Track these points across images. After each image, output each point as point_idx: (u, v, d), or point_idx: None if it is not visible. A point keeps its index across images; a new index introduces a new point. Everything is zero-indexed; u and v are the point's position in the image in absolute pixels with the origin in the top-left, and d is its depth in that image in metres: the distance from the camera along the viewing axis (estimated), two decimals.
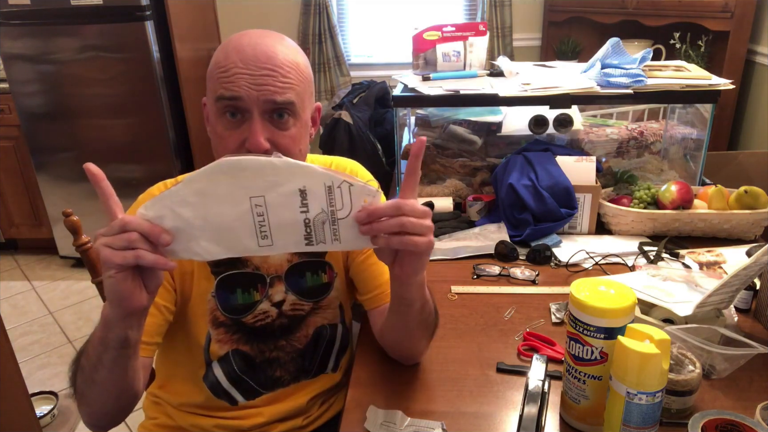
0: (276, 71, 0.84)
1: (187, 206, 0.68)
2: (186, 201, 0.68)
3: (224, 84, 0.83)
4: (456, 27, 1.68)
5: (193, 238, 0.70)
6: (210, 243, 0.70)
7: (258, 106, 0.83)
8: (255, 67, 0.83)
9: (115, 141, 2.85)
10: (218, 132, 0.87)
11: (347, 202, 0.70)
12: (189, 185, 0.68)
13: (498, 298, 1.19)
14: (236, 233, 0.70)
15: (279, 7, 3.27)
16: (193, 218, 0.69)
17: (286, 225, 0.70)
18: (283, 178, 0.68)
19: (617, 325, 0.76)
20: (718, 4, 2.50)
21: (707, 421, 0.73)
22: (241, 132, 0.85)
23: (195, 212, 0.69)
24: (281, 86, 0.84)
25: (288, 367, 1.03)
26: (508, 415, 0.88)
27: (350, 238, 0.72)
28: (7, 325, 1.54)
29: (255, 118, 0.84)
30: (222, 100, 0.84)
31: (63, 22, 2.63)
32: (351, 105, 2.64)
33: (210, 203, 0.68)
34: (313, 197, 0.69)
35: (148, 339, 0.92)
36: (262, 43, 0.85)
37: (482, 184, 1.61)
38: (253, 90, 0.83)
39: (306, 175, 0.68)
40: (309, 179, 0.68)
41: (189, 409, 1.03)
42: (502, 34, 3.17)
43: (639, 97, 1.46)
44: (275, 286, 0.99)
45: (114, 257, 0.66)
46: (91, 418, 0.87)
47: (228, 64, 0.83)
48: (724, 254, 1.28)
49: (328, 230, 0.71)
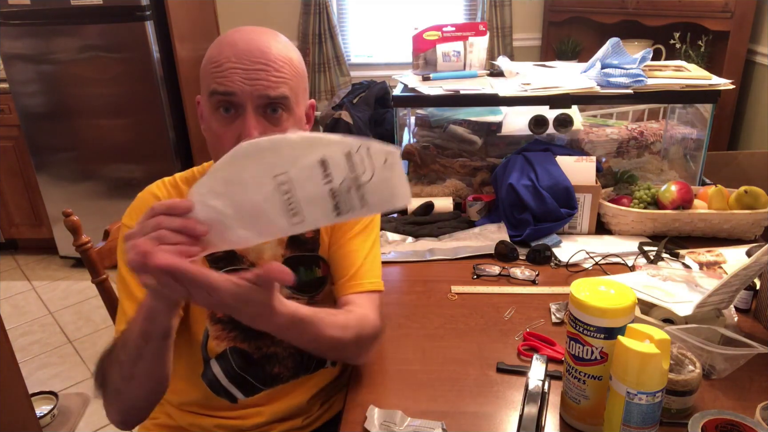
0: (269, 66, 0.84)
1: (216, 197, 0.68)
2: (214, 191, 0.68)
3: (217, 79, 0.84)
4: (456, 27, 1.68)
5: (228, 227, 0.70)
6: (244, 230, 0.70)
7: (251, 101, 0.84)
8: (248, 62, 0.83)
9: (115, 141, 2.85)
10: (213, 128, 0.87)
11: (369, 165, 0.69)
12: (214, 175, 0.68)
13: (498, 298, 1.19)
14: (267, 215, 0.70)
15: (279, 7, 3.27)
16: (224, 207, 0.69)
17: (314, 198, 0.70)
18: (301, 152, 0.68)
19: (617, 325, 0.76)
20: (718, 4, 2.50)
21: (707, 421, 0.73)
22: (236, 127, 0.85)
23: (225, 201, 0.69)
24: (275, 81, 0.84)
25: (286, 363, 1.02)
26: (508, 415, 0.88)
27: (377, 200, 0.71)
28: (7, 325, 1.54)
29: (249, 113, 0.84)
30: (215, 95, 0.84)
31: (63, 22, 2.63)
32: (351, 105, 2.65)
33: (237, 190, 0.69)
34: (334, 166, 0.69)
35: None
36: (256, 39, 0.85)
37: (482, 184, 1.61)
38: (246, 85, 0.83)
39: (324, 145, 0.68)
40: (327, 149, 0.68)
41: (189, 408, 1.03)
42: (502, 34, 3.17)
43: (639, 97, 1.46)
44: None
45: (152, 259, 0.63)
46: (123, 415, 0.87)
47: (221, 59, 0.84)
48: (724, 254, 1.28)
49: (355, 197, 0.71)
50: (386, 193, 0.71)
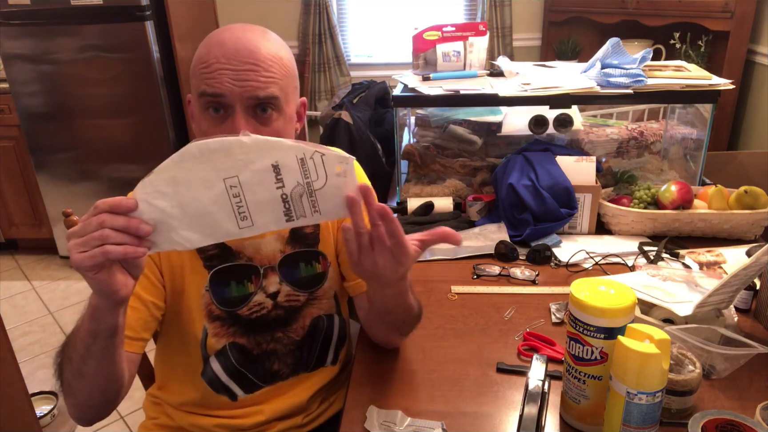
0: (258, 66, 0.84)
1: (161, 197, 0.67)
2: (159, 191, 0.67)
3: (206, 80, 0.83)
4: (456, 27, 1.68)
5: (172, 228, 0.69)
6: (190, 231, 0.69)
7: (241, 101, 0.84)
8: (237, 62, 0.83)
9: (115, 141, 2.85)
10: (203, 129, 0.87)
11: (322, 172, 0.69)
12: (160, 175, 0.67)
13: (498, 298, 1.19)
14: (214, 218, 0.69)
15: (279, 7, 3.27)
16: (170, 208, 0.68)
17: (264, 203, 0.69)
18: (254, 156, 0.67)
19: (617, 325, 0.76)
20: (718, 4, 2.50)
21: (707, 421, 0.73)
22: (225, 127, 0.85)
23: (170, 201, 0.68)
24: (264, 81, 0.84)
25: (286, 360, 1.02)
26: (508, 415, 0.88)
27: (330, 208, 0.71)
28: (7, 325, 1.54)
29: (238, 113, 0.84)
30: (204, 96, 0.84)
31: (63, 22, 2.63)
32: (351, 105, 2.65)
33: (184, 190, 0.67)
34: (287, 171, 0.68)
35: (134, 334, 0.91)
36: (244, 38, 0.85)
37: (482, 184, 1.61)
38: (235, 86, 0.83)
39: (276, 149, 0.67)
40: (280, 153, 0.67)
41: (189, 408, 1.03)
42: (502, 34, 3.17)
43: (639, 97, 1.46)
44: (269, 276, 0.99)
45: (84, 261, 0.65)
46: (78, 411, 0.86)
47: (210, 59, 0.83)
48: (724, 254, 1.28)
49: (307, 203, 0.70)
50: (339, 201, 0.71)
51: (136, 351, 0.93)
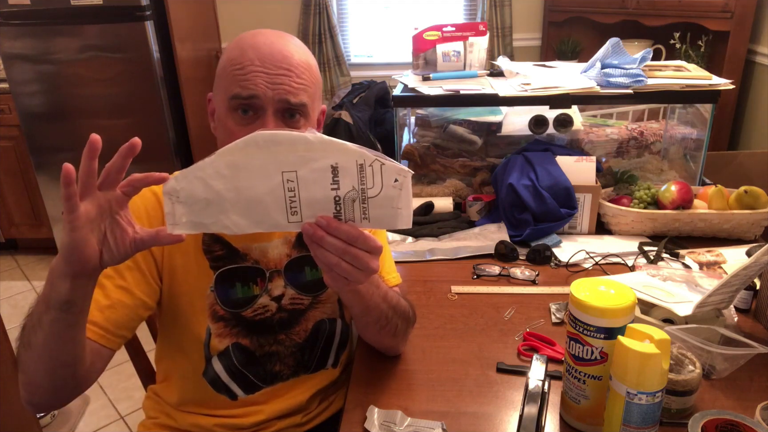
0: (292, 71, 0.85)
1: (220, 178, 0.68)
2: (219, 173, 0.68)
3: (240, 82, 0.84)
4: (456, 27, 1.68)
5: (224, 210, 0.70)
6: (240, 216, 0.70)
7: (272, 104, 0.85)
8: (272, 66, 0.84)
9: (115, 141, 2.77)
10: (228, 127, 0.87)
11: (378, 181, 0.69)
12: (222, 157, 0.68)
13: (498, 298, 1.19)
14: (266, 207, 0.70)
15: (279, 7, 3.27)
16: (225, 191, 0.69)
17: (317, 201, 0.70)
18: (316, 154, 0.68)
19: (617, 325, 0.76)
20: (718, 4, 2.50)
21: (707, 421, 0.73)
22: (253, 129, 0.85)
23: (227, 185, 0.68)
24: (296, 87, 0.86)
25: (287, 362, 1.03)
26: (508, 415, 0.88)
27: (379, 217, 0.72)
28: (7, 325, 1.54)
29: (269, 116, 0.85)
30: (237, 98, 0.85)
31: (63, 22, 2.63)
32: (351, 105, 2.65)
33: (243, 176, 0.68)
34: (344, 174, 0.69)
35: (114, 329, 0.87)
36: (278, 43, 0.86)
37: (482, 184, 1.61)
38: (269, 89, 0.84)
39: (339, 151, 0.68)
40: (341, 156, 0.68)
41: (189, 408, 1.03)
42: (502, 34, 3.17)
43: (639, 97, 1.46)
44: (274, 280, 0.99)
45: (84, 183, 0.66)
46: (26, 391, 0.80)
47: (244, 62, 0.84)
48: (724, 254, 1.28)
49: (358, 208, 0.71)
50: (389, 211, 0.71)
51: (111, 346, 0.87)
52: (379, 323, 0.92)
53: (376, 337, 0.98)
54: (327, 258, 0.71)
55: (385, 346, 1.01)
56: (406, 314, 0.97)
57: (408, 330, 1.01)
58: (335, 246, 0.70)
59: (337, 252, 0.70)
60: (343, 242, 0.70)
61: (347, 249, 0.70)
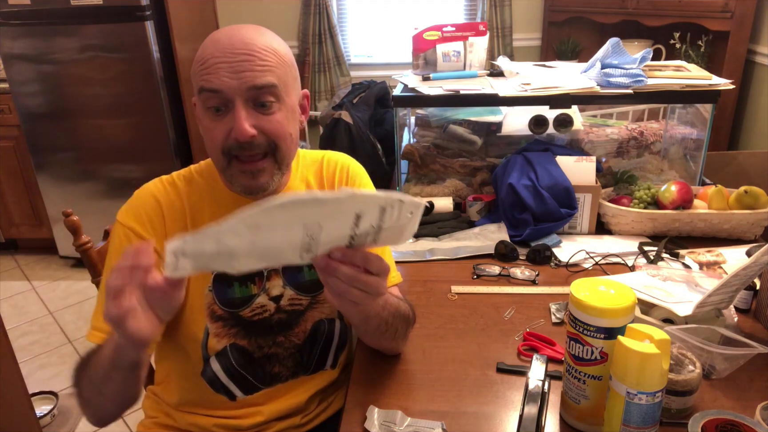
0: (253, 56, 0.84)
1: (235, 236, 0.66)
2: (235, 232, 0.66)
3: (204, 76, 0.85)
4: (456, 27, 1.68)
5: (234, 257, 0.68)
6: (251, 259, 0.69)
7: (240, 94, 0.84)
8: (231, 54, 0.84)
9: (115, 141, 2.84)
10: (205, 125, 0.88)
11: (395, 216, 0.69)
12: (242, 221, 0.64)
13: (498, 298, 1.19)
14: (282, 252, 0.69)
15: (279, 7, 3.27)
16: (239, 245, 0.67)
17: (333, 240, 0.70)
18: (343, 206, 0.66)
19: (617, 325, 0.76)
20: (718, 4, 2.50)
21: (707, 421, 0.73)
22: (227, 122, 0.86)
23: (243, 241, 0.67)
24: (260, 69, 0.85)
25: (286, 363, 1.02)
26: (508, 415, 0.88)
27: (387, 239, 0.72)
28: (7, 325, 1.54)
29: (238, 106, 0.85)
30: (204, 92, 0.85)
31: (63, 22, 2.63)
32: (351, 105, 2.64)
33: (261, 233, 0.66)
34: (366, 218, 0.68)
35: None
36: (238, 33, 0.86)
37: (482, 184, 1.61)
38: (233, 79, 0.83)
39: (366, 202, 0.67)
40: (367, 205, 0.67)
41: (188, 408, 1.03)
42: (502, 34, 3.17)
43: (639, 97, 1.46)
44: (272, 279, 0.99)
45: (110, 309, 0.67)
46: (95, 420, 0.91)
47: (205, 56, 0.85)
48: (724, 254, 1.28)
49: (370, 238, 0.71)
50: (396, 235, 0.72)
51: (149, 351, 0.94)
52: (380, 329, 0.92)
53: (377, 341, 0.98)
54: (338, 286, 0.72)
55: (385, 348, 1.01)
56: (407, 317, 0.97)
57: (408, 331, 1.01)
58: (347, 275, 0.71)
59: (348, 280, 0.71)
60: (354, 270, 0.71)
61: (358, 277, 0.71)
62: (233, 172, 0.90)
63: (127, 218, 0.95)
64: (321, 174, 1.05)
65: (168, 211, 0.96)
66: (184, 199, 0.97)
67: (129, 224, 0.94)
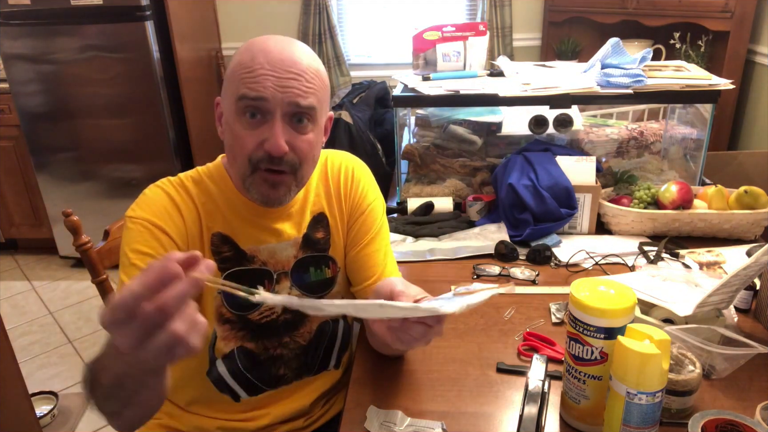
0: (301, 76, 0.86)
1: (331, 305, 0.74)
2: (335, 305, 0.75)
3: (249, 84, 0.84)
4: (456, 27, 1.68)
5: None
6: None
7: (281, 107, 0.85)
8: (281, 70, 0.85)
9: (115, 141, 2.85)
10: (235, 131, 0.87)
11: None
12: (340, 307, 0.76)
13: (498, 298, 1.19)
14: None
15: (279, 7, 3.27)
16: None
17: None
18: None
19: (617, 325, 0.76)
20: (718, 4, 2.50)
21: (707, 421, 0.73)
22: (260, 132, 0.86)
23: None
24: (305, 90, 0.86)
25: (291, 365, 1.03)
26: (508, 415, 0.88)
27: None
28: (7, 325, 1.55)
29: (276, 119, 0.85)
30: (244, 99, 0.85)
31: (63, 22, 2.63)
32: (351, 105, 2.65)
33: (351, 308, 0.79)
34: None
35: None
36: (288, 48, 0.87)
37: (482, 184, 1.61)
38: (278, 92, 0.84)
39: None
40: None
41: (192, 409, 1.03)
42: (502, 34, 3.17)
43: (639, 97, 1.46)
44: (281, 282, 0.99)
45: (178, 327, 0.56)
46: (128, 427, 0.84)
47: (254, 65, 0.85)
48: (724, 254, 1.28)
49: None
50: None
51: None
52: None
53: (391, 350, 0.98)
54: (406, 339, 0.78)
55: (395, 353, 1.01)
56: None
57: None
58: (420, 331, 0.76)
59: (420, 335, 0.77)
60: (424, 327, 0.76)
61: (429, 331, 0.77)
62: (255, 180, 0.89)
63: (142, 213, 0.92)
64: (326, 175, 1.05)
65: (184, 209, 0.94)
66: (196, 201, 0.96)
67: (146, 218, 0.91)
